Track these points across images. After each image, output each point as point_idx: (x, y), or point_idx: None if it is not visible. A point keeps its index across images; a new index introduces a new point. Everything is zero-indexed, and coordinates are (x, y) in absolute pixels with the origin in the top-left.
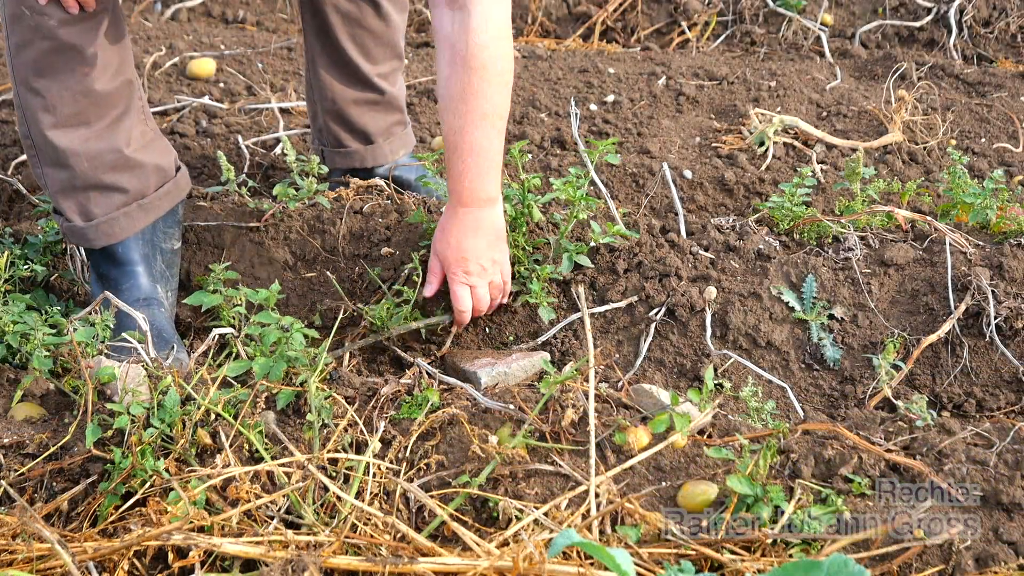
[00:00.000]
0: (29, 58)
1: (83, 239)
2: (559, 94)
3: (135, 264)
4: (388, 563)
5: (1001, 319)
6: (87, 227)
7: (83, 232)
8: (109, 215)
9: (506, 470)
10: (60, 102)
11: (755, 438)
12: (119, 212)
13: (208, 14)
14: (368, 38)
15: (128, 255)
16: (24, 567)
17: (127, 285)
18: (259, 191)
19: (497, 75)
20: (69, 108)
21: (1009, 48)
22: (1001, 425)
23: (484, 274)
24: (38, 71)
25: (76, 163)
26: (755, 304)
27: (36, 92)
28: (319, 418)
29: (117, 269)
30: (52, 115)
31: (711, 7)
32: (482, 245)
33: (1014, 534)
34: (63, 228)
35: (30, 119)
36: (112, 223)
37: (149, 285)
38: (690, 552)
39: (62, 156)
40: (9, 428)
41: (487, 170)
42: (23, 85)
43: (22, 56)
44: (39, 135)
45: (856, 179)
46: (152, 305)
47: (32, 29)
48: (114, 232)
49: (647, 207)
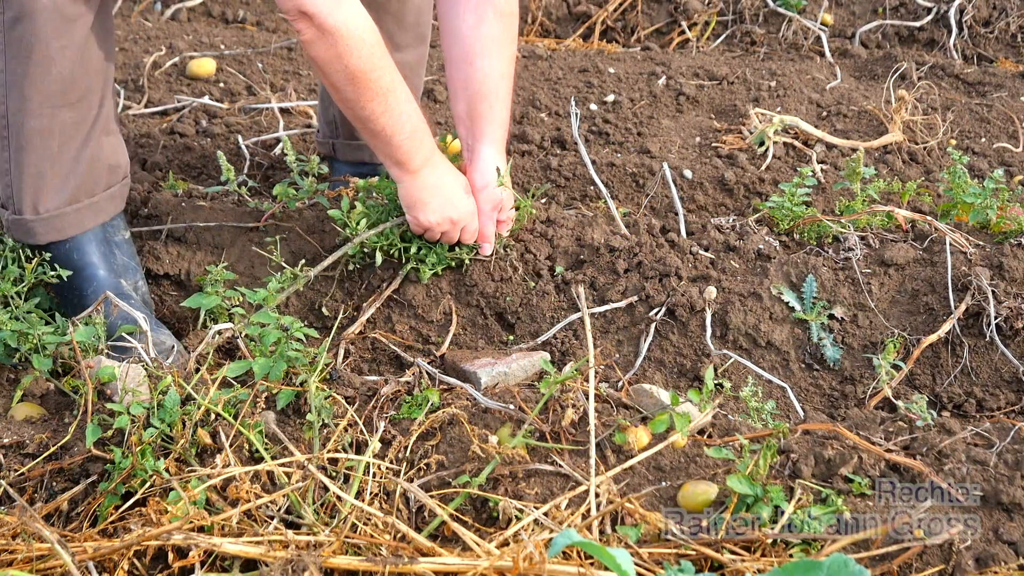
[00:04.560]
0: (25, 31)
1: (29, 234)
2: (559, 94)
3: (95, 267)
4: (388, 563)
5: (1001, 319)
6: (35, 221)
7: (30, 226)
8: (61, 210)
9: (506, 470)
10: (48, 79)
11: (755, 438)
12: (70, 207)
13: (208, 14)
14: (392, 23)
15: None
16: (24, 567)
17: (90, 289)
18: (259, 191)
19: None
20: (55, 87)
21: (1009, 48)
22: (1001, 425)
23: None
24: (31, 45)
25: (50, 146)
26: (755, 304)
27: (26, 67)
28: (319, 418)
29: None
30: (39, 92)
31: (711, 7)
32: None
33: (1014, 534)
34: (8, 222)
35: (13, 97)
36: (62, 218)
37: (112, 281)
38: (690, 552)
39: (38, 137)
40: (9, 428)
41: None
42: (14, 60)
43: (17, 30)
44: (18, 112)
45: (856, 179)
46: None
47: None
48: (63, 227)
49: (647, 207)
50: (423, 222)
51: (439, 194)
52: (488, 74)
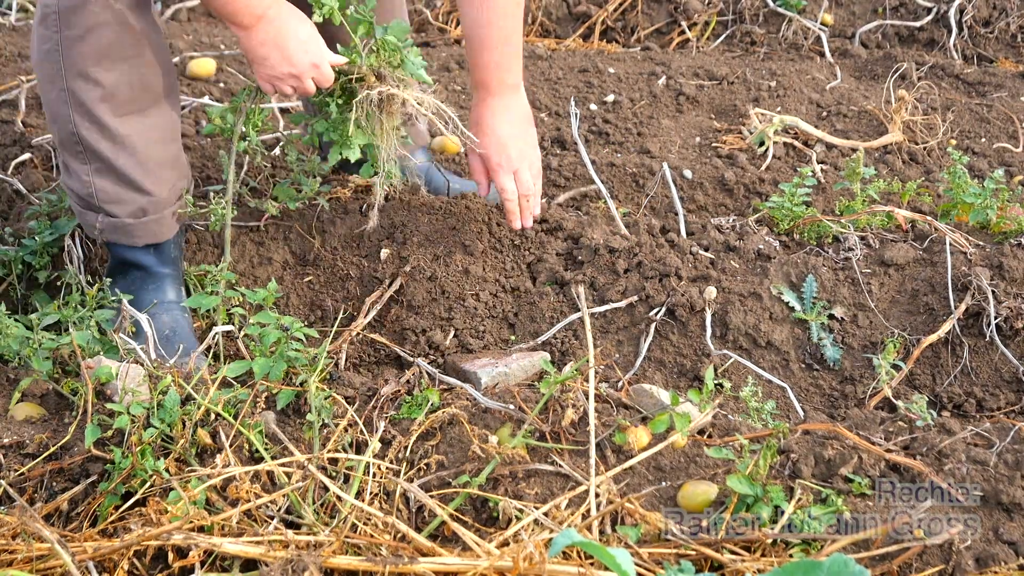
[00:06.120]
0: (92, 47)
1: (127, 236)
2: (559, 94)
3: (168, 266)
4: (388, 563)
5: (1001, 319)
6: (135, 224)
7: (129, 229)
8: (160, 213)
9: (506, 470)
10: (118, 90)
11: (755, 438)
12: (167, 211)
13: (208, 14)
14: None
15: (164, 257)
16: (24, 567)
17: (153, 286)
18: (259, 191)
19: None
20: (126, 95)
21: (1009, 48)
22: (1001, 425)
23: (523, 159)
24: (99, 59)
25: (133, 154)
26: (755, 304)
27: (96, 82)
28: (319, 418)
29: (149, 271)
30: (112, 104)
31: (711, 7)
32: (517, 131)
33: (1014, 534)
34: (102, 225)
35: (82, 114)
36: (159, 222)
37: (175, 292)
38: (690, 552)
39: (120, 147)
40: (9, 428)
41: (514, 57)
42: (80, 77)
43: (80, 47)
44: (93, 129)
45: (856, 179)
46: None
47: (95, 15)
48: (160, 231)
49: (647, 207)
50: (264, 78)
51: (276, 48)
52: (477, 21)
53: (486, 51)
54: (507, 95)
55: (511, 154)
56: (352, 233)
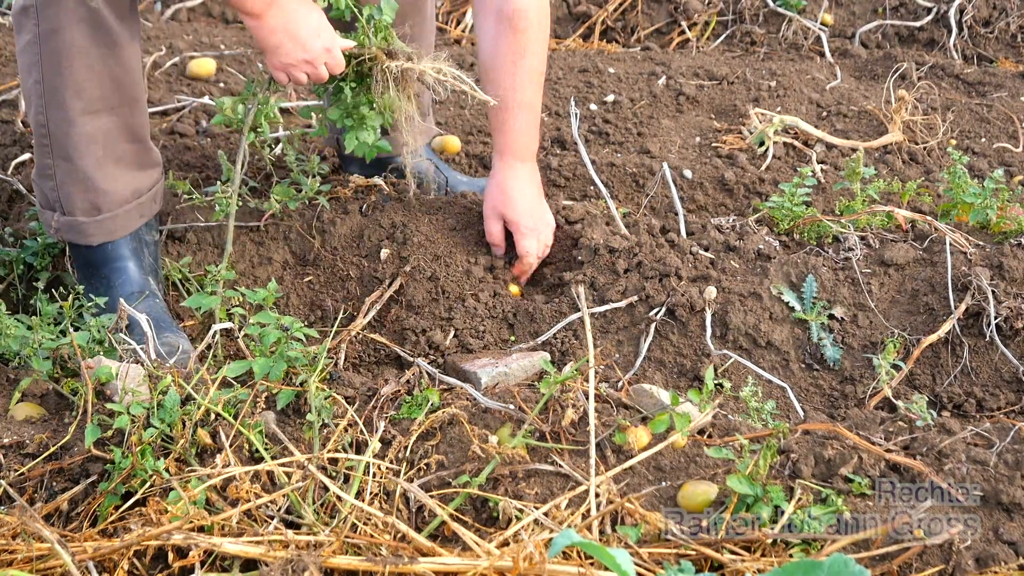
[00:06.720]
0: (64, 42)
1: (81, 235)
2: (559, 94)
3: (126, 259)
4: (388, 563)
5: (1001, 319)
6: (89, 223)
7: (83, 228)
8: (113, 212)
9: (506, 470)
10: (90, 86)
11: (755, 438)
12: (121, 209)
13: (208, 14)
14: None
15: (119, 251)
16: (24, 567)
17: (119, 281)
18: (259, 191)
19: (541, 33)
20: (96, 92)
21: (1009, 48)
22: (1001, 425)
23: (547, 227)
24: (71, 55)
25: (95, 151)
26: (755, 304)
27: (66, 77)
28: (319, 418)
29: (108, 266)
30: (81, 100)
31: (711, 7)
32: (536, 196)
33: (1014, 534)
34: (58, 224)
35: (53, 106)
36: (114, 220)
37: (140, 278)
38: (690, 552)
39: (84, 143)
40: (9, 428)
41: (535, 124)
42: (52, 71)
43: (54, 41)
44: (61, 122)
45: (856, 179)
46: (148, 298)
47: (70, 12)
48: (115, 229)
49: (647, 207)
50: (277, 66)
51: (288, 36)
52: (503, 87)
53: (513, 116)
54: (530, 162)
55: (535, 219)
56: (352, 233)
